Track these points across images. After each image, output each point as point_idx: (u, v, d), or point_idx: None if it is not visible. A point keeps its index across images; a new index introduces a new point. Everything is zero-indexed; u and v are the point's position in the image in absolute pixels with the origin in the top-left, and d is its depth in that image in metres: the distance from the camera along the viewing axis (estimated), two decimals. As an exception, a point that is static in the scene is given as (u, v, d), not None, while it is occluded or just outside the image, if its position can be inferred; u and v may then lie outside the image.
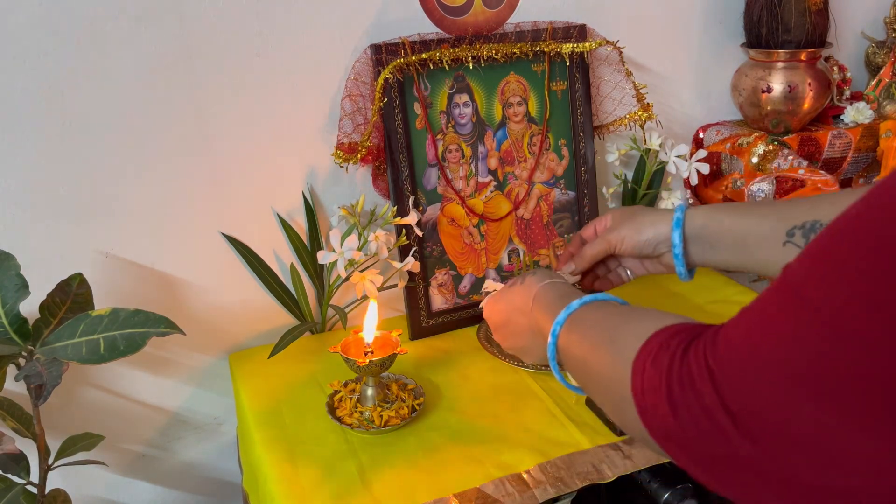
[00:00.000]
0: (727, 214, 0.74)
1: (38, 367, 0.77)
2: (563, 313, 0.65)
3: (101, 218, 0.96)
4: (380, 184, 1.08)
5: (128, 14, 0.90)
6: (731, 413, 0.41)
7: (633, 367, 0.49)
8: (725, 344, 0.43)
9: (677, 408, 0.44)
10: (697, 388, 0.43)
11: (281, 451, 0.84)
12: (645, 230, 0.79)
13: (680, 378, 0.45)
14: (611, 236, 0.81)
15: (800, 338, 0.39)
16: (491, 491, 0.76)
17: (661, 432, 0.46)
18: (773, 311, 0.41)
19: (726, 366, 0.42)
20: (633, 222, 0.80)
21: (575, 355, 0.62)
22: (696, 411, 0.43)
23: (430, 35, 1.01)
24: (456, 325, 1.08)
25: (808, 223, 0.67)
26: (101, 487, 1.07)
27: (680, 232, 0.75)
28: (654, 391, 0.46)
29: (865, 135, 1.24)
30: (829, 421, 0.38)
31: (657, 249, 0.79)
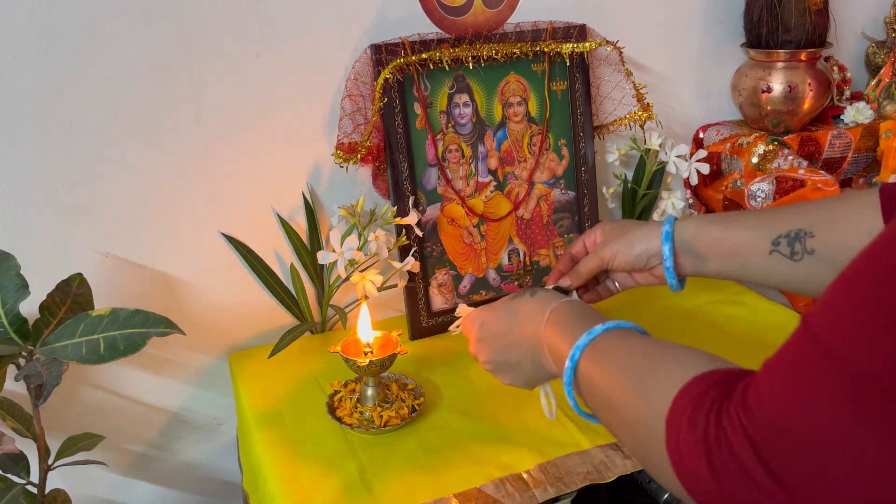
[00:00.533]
0: (715, 226, 0.76)
1: (38, 367, 0.77)
2: (584, 337, 0.63)
3: (101, 218, 0.96)
4: (380, 184, 1.08)
5: (128, 14, 0.90)
6: (775, 476, 0.41)
7: (668, 425, 0.49)
8: (757, 402, 0.43)
9: (719, 474, 0.44)
10: (737, 455, 0.43)
11: (281, 451, 0.84)
12: (636, 245, 0.79)
13: (718, 443, 0.44)
14: (603, 252, 0.81)
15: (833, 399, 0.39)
16: (491, 491, 0.76)
17: (699, 493, 0.46)
18: (801, 373, 0.41)
19: (762, 429, 0.42)
20: (624, 238, 0.81)
21: (598, 391, 0.60)
22: (739, 477, 0.43)
23: (430, 35, 1.01)
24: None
25: (794, 232, 0.69)
26: (101, 487, 1.07)
27: (670, 245, 0.77)
28: (693, 455, 0.46)
29: (865, 135, 1.24)
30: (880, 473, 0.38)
31: (649, 262, 0.80)
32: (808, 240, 0.68)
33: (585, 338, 0.63)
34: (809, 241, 0.68)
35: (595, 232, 0.85)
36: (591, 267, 0.83)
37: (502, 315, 0.76)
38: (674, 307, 1.11)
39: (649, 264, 0.80)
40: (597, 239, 0.84)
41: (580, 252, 0.86)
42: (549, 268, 1.14)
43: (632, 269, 0.82)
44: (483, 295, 1.10)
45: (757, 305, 1.11)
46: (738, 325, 1.06)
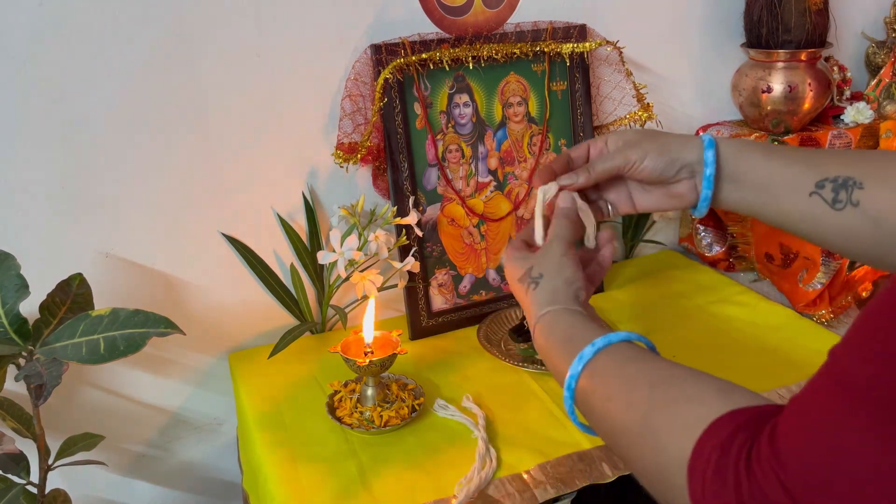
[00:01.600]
0: (759, 151, 0.67)
1: (38, 367, 0.77)
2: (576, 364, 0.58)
3: (101, 218, 0.96)
4: (380, 184, 1.08)
5: (128, 14, 0.90)
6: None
7: (690, 475, 0.45)
8: (788, 450, 0.40)
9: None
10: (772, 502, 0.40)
11: (281, 451, 0.84)
12: (670, 150, 0.69)
13: (752, 493, 0.41)
14: (630, 153, 0.70)
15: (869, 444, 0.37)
16: (491, 491, 0.76)
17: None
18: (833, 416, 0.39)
19: (796, 476, 0.40)
20: (654, 143, 0.70)
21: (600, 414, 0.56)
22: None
23: (430, 35, 1.01)
24: (456, 325, 1.08)
25: (841, 178, 0.61)
26: (101, 487, 1.07)
27: (714, 153, 0.67)
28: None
29: (865, 135, 1.24)
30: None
31: (679, 174, 0.69)
32: (856, 191, 0.60)
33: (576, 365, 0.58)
34: (857, 192, 0.60)
35: (604, 138, 0.73)
36: (611, 167, 0.71)
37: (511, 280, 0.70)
38: (674, 307, 1.11)
39: (678, 176, 0.69)
40: (607, 144, 0.73)
41: (581, 157, 0.74)
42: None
43: (657, 180, 0.70)
44: (483, 295, 1.10)
45: (757, 305, 1.11)
46: (738, 325, 1.06)
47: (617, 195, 0.75)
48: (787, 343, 0.99)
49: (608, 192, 0.75)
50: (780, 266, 1.12)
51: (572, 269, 0.67)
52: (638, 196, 0.74)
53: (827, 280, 1.08)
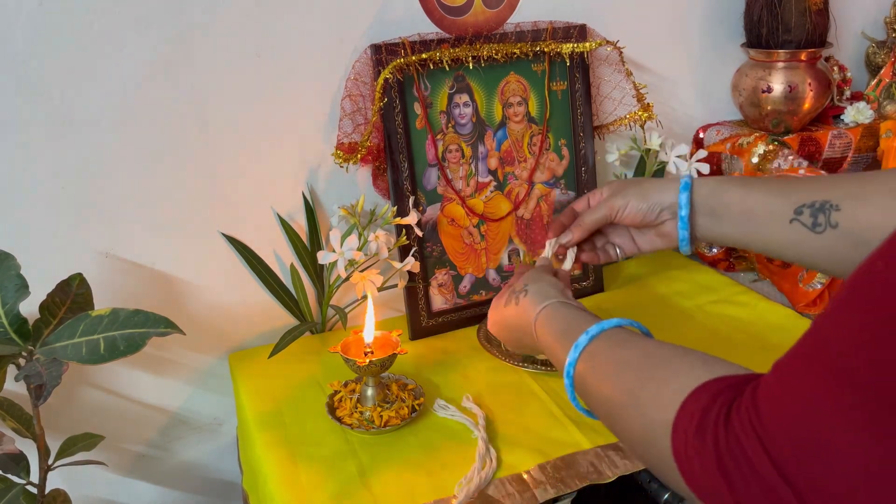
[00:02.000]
0: (736, 186, 0.72)
1: (38, 367, 0.77)
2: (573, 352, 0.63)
3: (101, 218, 0.96)
4: (380, 184, 1.08)
5: (128, 14, 0.90)
6: (789, 480, 0.40)
7: (674, 433, 0.48)
8: (767, 409, 0.42)
9: (732, 479, 0.43)
10: (750, 459, 0.42)
11: (281, 451, 0.84)
12: (650, 195, 0.76)
13: (730, 450, 0.43)
14: (613, 201, 0.78)
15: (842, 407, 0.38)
16: (491, 491, 0.76)
17: (709, 496, 0.45)
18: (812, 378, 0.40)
19: (774, 432, 0.41)
20: (637, 188, 0.77)
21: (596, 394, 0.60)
22: (752, 482, 0.42)
23: (430, 35, 1.01)
24: (456, 325, 1.08)
25: (819, 202, 0.65)
26: (101, 487, 1.07)
27: (688, 195, 0.73)
28: (704, 462, 0.45)
29: (866, 135, 1.24)
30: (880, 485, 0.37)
31: (660, 217, 0.76)
32: (833, 213, 0.64)
33: (584, 339, 0.63)
34: (834, 214, 0.64)
35: (601, 189, 0.81)
36: (598, 218, 0.80)
37: (498, 319, 0.81)
38: (674, 307, 1.11)
39: (660, 218, 0.77)
40: (603, 195, 0.81)
41: (583, 209, 0.83)
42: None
43: (641, 223, 0.78)
44: (483, 295, 1.10)
45: (757, 305, 1.11)
46: (738, 325, 1.06)
47: (621, 239, 0.83)
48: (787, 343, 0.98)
49: (613, 237, 0.84)
50: (780, 266, 1.12)
51: (550, 276, 0.79)
52: (637, 238, 0.82)
53: (827, 280, 1.08)
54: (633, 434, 0.54)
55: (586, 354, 0.62)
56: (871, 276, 0.38)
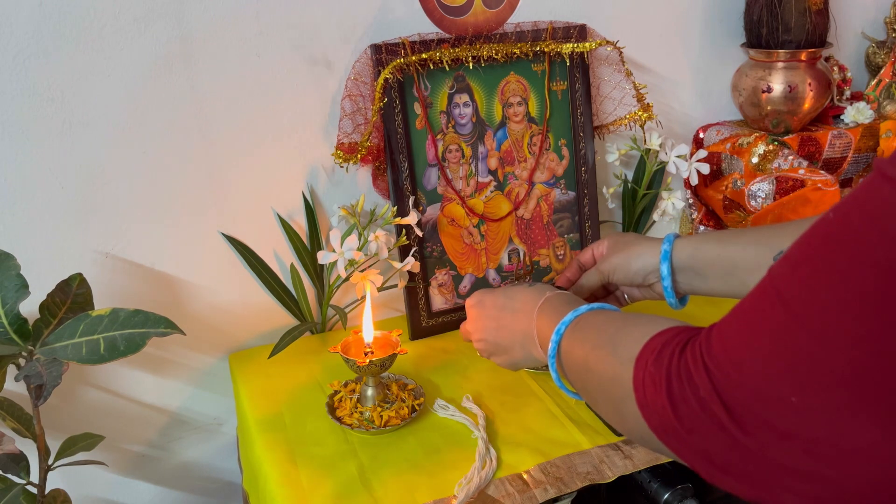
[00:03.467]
0: (714, 244, 0.77)
1: (38, 367, 0.77)
2: (570, 315, 0.67)
3: (101, 218, 0.96)
4: (380, 184, 1.08)
5: (128, 14, 0.90)
6: (726, 405, 0.43)
7: (636, 364, 0.52)
8: (719, 341, 0.46)
9: (675, 401, 0.47)
10: (694, 382, 0.45)
11: (281, 451, 0.84)
12: (634, 261, 0.81)
13: (678, 373, 0.47)
14: (603, 267, 0.84)
15: (783, 339, 0.41)
16: (491, 491, 0.76)
17: (660, 426, 0.49)
18: (761, 314, 0.44)
19: (720, 361, 0.45)
20: (624, 253, 0.83)
21: (576, 357, 0.64)
22: (692, 404, 0.45)
23: (430, 35, 1.01)
24: (456, 325, 1.08)
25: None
26: (101, 487, 1.07)
27: (668, 264, 0.78)
28: (655, 386, 0.49)
29: (866, 135, 1.24)
30: (815, 414, 0.40)
31: (647, 279, 0.82)
32: None
33: (570, 315, 0.67)
34: None
35: (603, 243, 0.87)
36: (593, 282, 0.85)
37: (500, 298, 0.80)
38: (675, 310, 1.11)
39: (647, 281, 0.82)
40: (604, 250, 0.86)
41: (588, 261, 0.88)
42: (549, 268, 1.14)
43: (631, 285, 0.84)
44: (483, 295, 1.10)
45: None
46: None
47: (628, 288, 0.87)
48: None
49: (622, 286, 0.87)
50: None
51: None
52: (640, 291, 0.86)
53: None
54: (605, 375, 0.57)
55: (572, 326, 0.66)
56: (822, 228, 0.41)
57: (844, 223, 0.40)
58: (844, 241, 0.39)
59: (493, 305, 0.80)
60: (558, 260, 1.15)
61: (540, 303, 0.74)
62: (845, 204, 0.40)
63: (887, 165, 0.38)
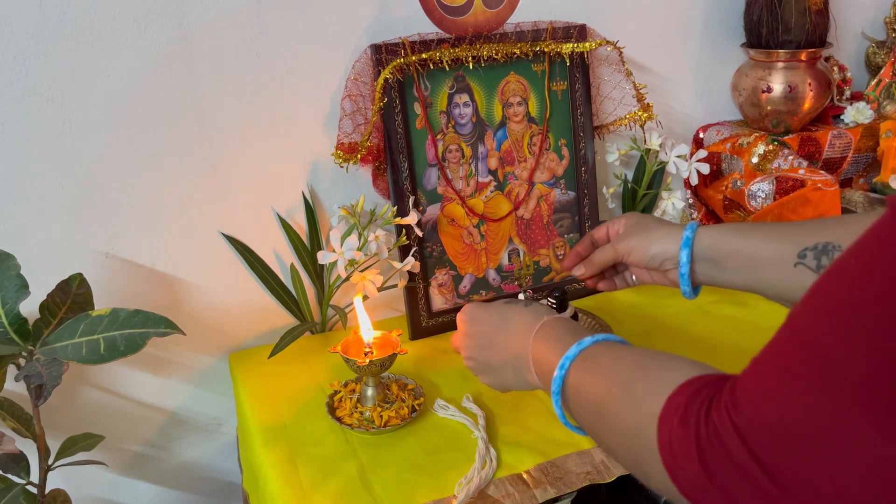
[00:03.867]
0: (737, 234, 0.74)
1: (38, 367, 0.77)
2: (574, 348, 0.63)
3: (101, 218, 0.96)
4: (380, 184, 1.08)
5: (128, 14, 0.90)
6: (761, 464, 0.42)
7: (660, 423, 0.49)
8: (745, 399, 0.44)
9: (710, 468, 0.44)
10: (727, 447, 0.43)
11: (281, 451, 0.84)
12: (653, 245, 0.78)
13: (708, 437, 0.45)
14: (619, 246, 0.81)
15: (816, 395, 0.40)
16: (491, 491, 0.76)
17: (692, 490, 0.47)
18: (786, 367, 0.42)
19: (750, 421, 0.43)
20: (643, 235, 0.79)
21: (587, 399, 0.60)
22: (729, 469, 0.43)
23: (430, 35, 1.01)
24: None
25: (821, 244, 0.66)
26: (101, 487, 1.07)
27: (688, 252, 0.75)
28: (685, 452, 0.46)
29: (865, 135, 1.24)
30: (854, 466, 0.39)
31: (663, 265, 0.78)
32: (836, 254, 0.65)
33: (575, 349, 0.63)
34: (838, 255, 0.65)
35: (620, 221, 0.84)
36: (606, 258, 0.83)
37: (494, 316, 0.76)
38: (674, 307, 1.11)
39: (663, 266, 0.79)
40: (620, 229, 0.83)
41: (602, 238, 0.85)
42: (549, 268, 1.14)
43: (645, 268, 0.81)
44: (483, 295, 1.10)
45: (757, 305, 1.11)
46: (738, 324, 1.06)
47: (638, 270, 0.84)
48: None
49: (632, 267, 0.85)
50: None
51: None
52: (649, 274, 0.83)
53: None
54: (623, 428, 0.54)
55: (580, 360, 0.62)
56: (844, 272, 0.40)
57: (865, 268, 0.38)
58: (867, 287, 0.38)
59: (486, 322, 0.76)
60: (558, 260, 1.15)
61: (537, 327, 0.69)
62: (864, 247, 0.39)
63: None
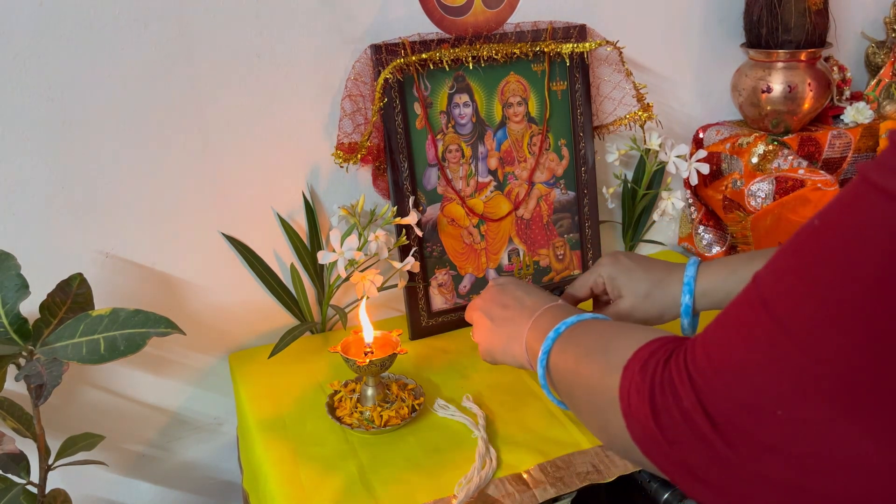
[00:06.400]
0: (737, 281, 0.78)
1: (38, 367, 0.77)
2: (562, 323, 0.67)
3: (101, 218, 0.96)
4: (380, 184, 1.08)
5: (128, 14, 0.90)
6: (710, 416, 0.43)
7: (623, 373, 0.51)
8: (703, 351, 0.45)
9: (658, 411, 0.46)
10: (678, 392, 0.45)
11: (281, 450, 0.84)
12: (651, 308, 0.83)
13: (661, 383, 0.46)
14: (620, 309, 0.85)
15: (769, 350, 0.41)
16: (491, 491, 0.76)
17: (642, 437, 0.48)
18: (746, 323, 0.43)
19: (704, 372, 0.44)
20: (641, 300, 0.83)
21: (567, 362, 0.64)
22: (675, 415, 0.45)
23: (430, 35, 1.01)
24: (456, 325, 1.08)
25: None
26: (101, 487, 1.07)
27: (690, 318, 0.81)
28: (639, 396, 0.48)
29: (865, 135, 1.24)
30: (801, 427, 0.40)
31: (662, 320, 0.84)
32: None
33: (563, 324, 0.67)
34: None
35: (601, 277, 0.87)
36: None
37: (520, 290, 0.80)
38: (674, 307, 1.11)
39: (663, 321, 0.85)
40: (605, 287, 0.87)
41: (585, 295, 0.89)
42: (549, 268, 1.14)
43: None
44: (483, 295, 1.10)
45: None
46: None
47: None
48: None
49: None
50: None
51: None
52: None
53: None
54: (592, 383, 0.56)
55: (568, 331, 0.66)
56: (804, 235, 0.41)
57: (830, 233, 0.39)
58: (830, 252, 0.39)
59: (512, 293, 0.80)
60: (558, 260, 1.15)
61: (544, 308, 0.74)
62: (831, 211, 0.39)
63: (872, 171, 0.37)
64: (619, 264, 0.86)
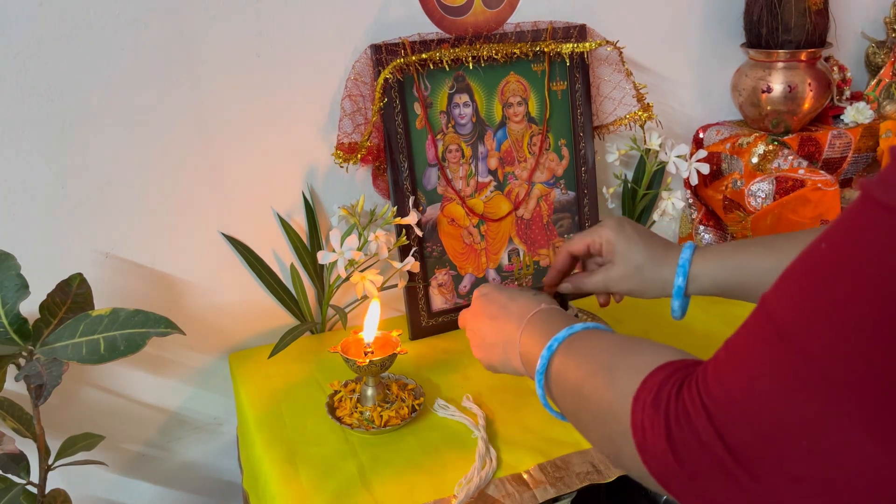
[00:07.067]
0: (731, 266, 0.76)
1: (38, 367, 0.77)
2: (563, 332, 0.64)
3: (101, 218, 0.96)
4: (380, 184, 1.08)
5: (128, 14, 0.90)
6: (730, 448, 0.42)
7: (633, 404, 0.50)
8: (716, 380, 0.44)
9: (676, 446, 0.45)
10: (694, 426, 0.44)
11: (281, 450, 0.85)
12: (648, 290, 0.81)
13: (677, 416, 0.45)
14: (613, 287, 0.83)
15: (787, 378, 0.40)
16: (491, 491, 0.76)
17: (661, 472, 0.47)
18: (759, 350, 0.42)
19: (718, 401, 0.43)
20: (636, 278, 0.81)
21: (570, 381, 0.61)
22: (694, 448, 0.43)
23: (430, 35, 1.01)
24: (456, 325, 1.08)
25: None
26: (101, 487, 1.07)
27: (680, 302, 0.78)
28: (654, 431, 0.47)
29: (865, 135, 1.24)
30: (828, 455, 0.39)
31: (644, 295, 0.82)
32: None
33: (564, 333, 0.64)
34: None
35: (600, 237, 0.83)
36: (595, 290, 0.85)
37: (504, 297, 0.78)
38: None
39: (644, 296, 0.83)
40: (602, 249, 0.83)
41: (581, 251, 0.85)
42: (549, 268, 1.14)
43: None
44: (483, 295, 1.10)
45: (757, 305, 1.10)
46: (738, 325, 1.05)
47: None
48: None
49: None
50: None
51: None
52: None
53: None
54: (600, 408, 0.55)
55: (564, 346, 0.64)
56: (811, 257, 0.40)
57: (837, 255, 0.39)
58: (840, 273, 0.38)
59: (497, 302, 0.77)
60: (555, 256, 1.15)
61: (532, 313, 0.71)
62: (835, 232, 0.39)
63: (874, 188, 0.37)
64: (622, 231, 0.82)
